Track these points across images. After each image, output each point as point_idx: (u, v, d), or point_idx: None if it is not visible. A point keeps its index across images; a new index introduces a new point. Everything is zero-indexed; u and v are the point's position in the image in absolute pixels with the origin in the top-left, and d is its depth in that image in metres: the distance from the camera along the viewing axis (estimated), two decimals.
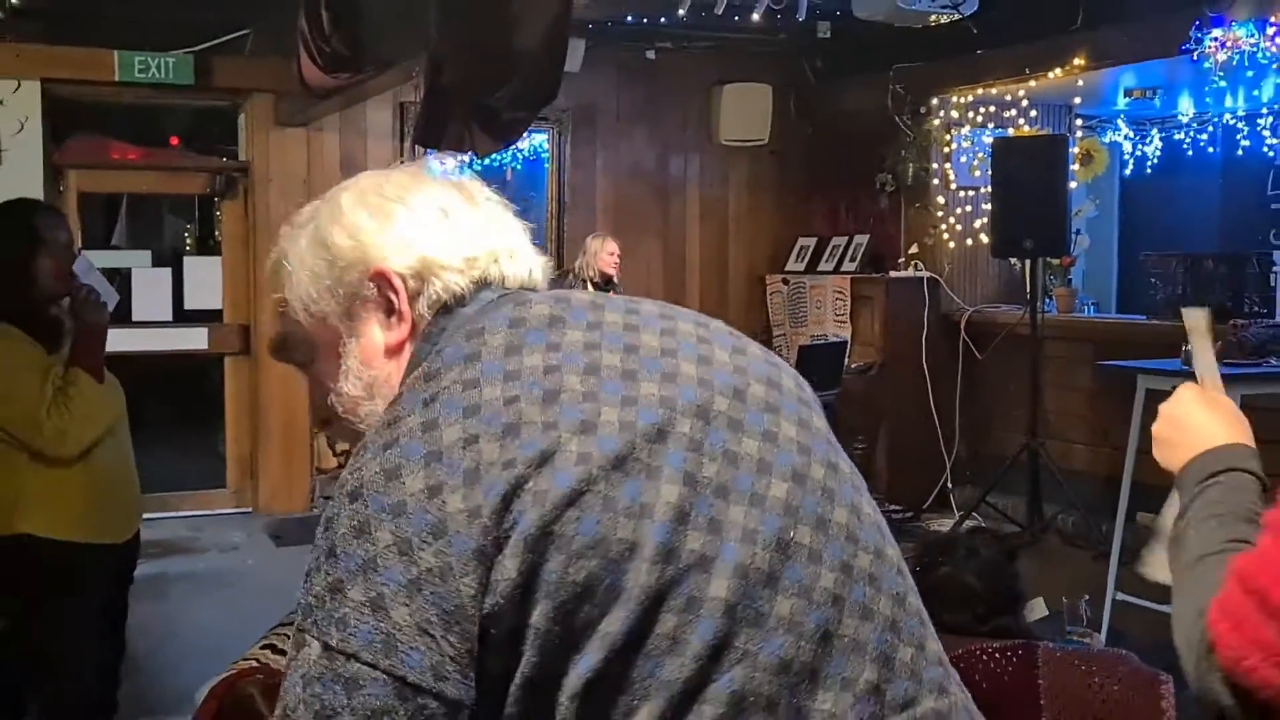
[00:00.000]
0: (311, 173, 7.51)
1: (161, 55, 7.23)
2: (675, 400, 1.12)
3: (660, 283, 8.52)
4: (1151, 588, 1.46)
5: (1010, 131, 7.65)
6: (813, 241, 8.58)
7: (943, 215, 7.91)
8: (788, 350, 8.15)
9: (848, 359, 7.66)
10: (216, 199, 7.84)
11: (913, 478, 7.63)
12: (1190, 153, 8.23)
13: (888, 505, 7.49)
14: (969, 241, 7.88)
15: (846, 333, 7.90)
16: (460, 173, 6.25)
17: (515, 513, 1.01)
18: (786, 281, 8.53)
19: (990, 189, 7.21)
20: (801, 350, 7.48)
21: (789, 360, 7.38)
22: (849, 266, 8.16)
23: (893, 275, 7.89)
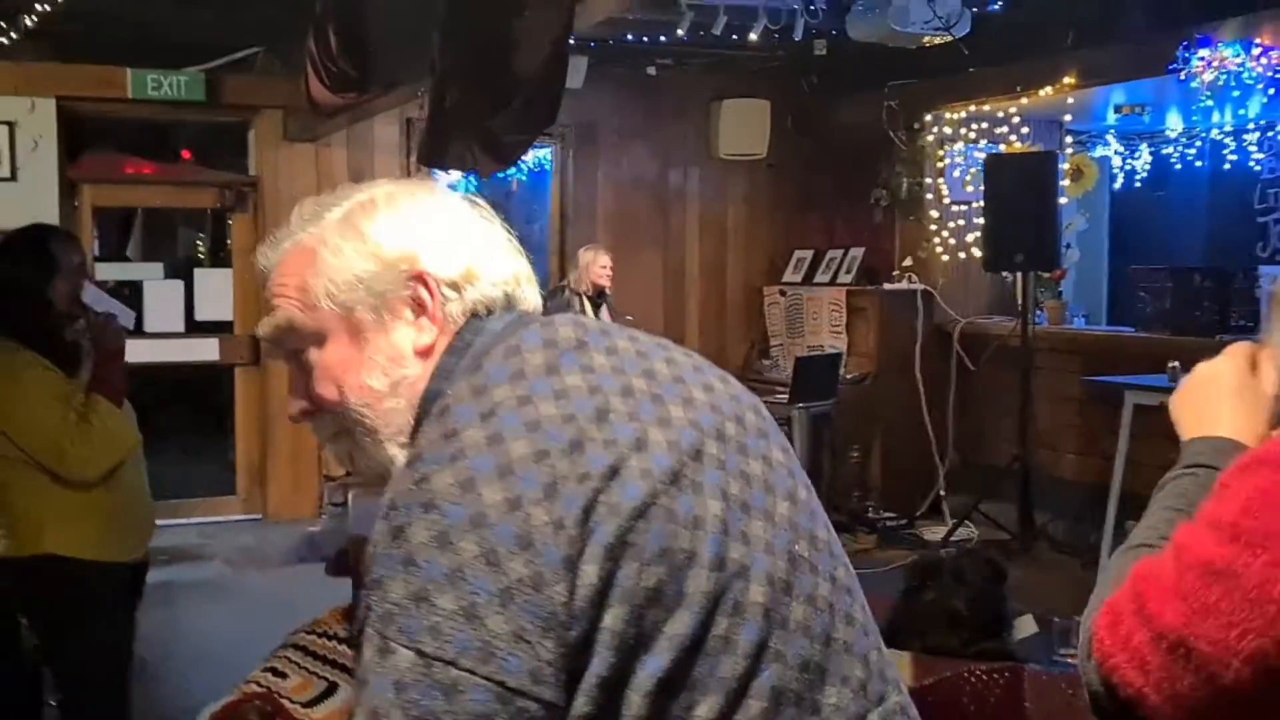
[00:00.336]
0: (320, 187, 7.49)
1: (173, 73, 7.36)
2: (700, 423, 1.20)
3: (660, 293, 8.63)
4: None
5: (1002, 148, 7.73)
6: (809, 254, 8.64)
7: (936, 229, 7.99)
8: (785, 361, 8.26)
9: (843, 369, 7.73)
10: (228, 212, 7.93)
11: (906, 486, 7.71)
12: (1179, 167, 8.26)
13: (882, 513, 7.63)
14: (962, 255, 7.96)
15: (842, 344, 7.97)
16: (466, 189, 6.37)
17: (593, 523, 1.08)
18: (784, 293, 8.61)
19: (982, 204, 7.31)
20: (798, 362, 7.53)
21: (787, 371, 7.53)
22: (844, 279, 8.23)
23: (887, 287, 7.96)
